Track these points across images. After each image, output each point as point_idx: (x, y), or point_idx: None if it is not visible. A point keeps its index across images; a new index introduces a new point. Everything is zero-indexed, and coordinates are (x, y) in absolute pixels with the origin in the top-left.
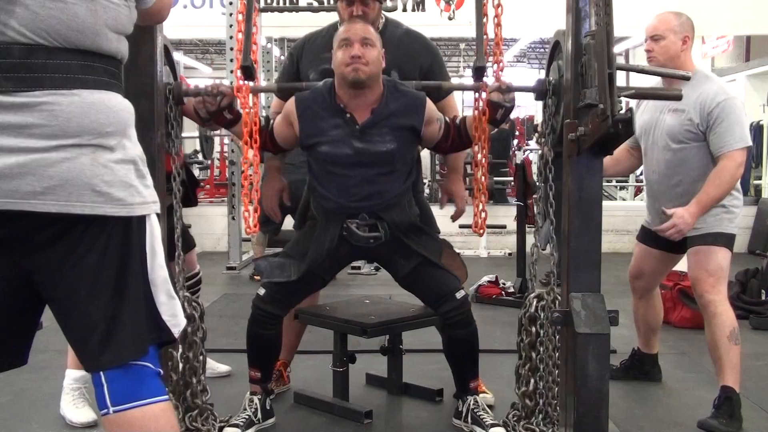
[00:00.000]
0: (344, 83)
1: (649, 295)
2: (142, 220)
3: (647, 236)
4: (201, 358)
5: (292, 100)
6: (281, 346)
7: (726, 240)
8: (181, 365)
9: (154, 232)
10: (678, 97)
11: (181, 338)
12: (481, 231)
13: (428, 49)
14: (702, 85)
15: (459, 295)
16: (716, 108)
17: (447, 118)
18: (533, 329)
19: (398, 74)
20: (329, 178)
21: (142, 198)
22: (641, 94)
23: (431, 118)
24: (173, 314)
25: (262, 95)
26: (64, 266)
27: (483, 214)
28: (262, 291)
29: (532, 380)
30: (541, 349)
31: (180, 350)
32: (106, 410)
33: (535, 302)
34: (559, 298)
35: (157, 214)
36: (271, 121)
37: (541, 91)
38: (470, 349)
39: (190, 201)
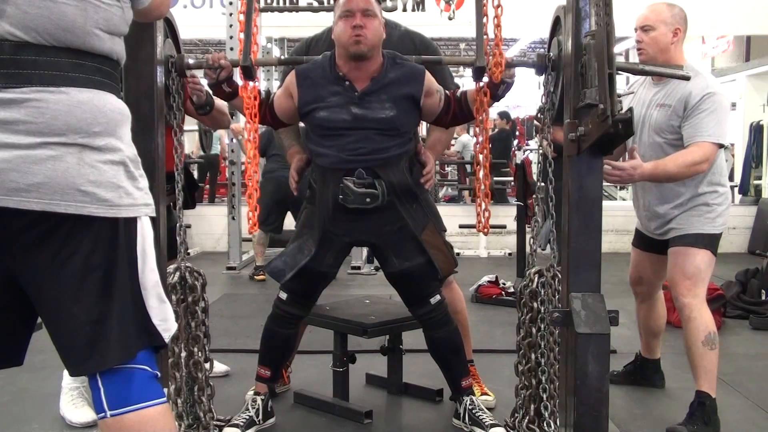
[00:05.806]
0: (345, 54)
1: (651, 299)
2: (131, 221)
3: (641, 240)
4: (204, 328)
5: (292, 73)
6: (295, 347)
7: (707, 241)
8: (183, 343)
9: (146, 235)
10: (687, 78)
11: (183, 309)
12: (486, 230)
13: (426, 48)
14: (691, 79)
15: (433, 300)
16: (699, 101)
17: (447, 92)
18: (534, 305)
19: None
20: (327, 140)
21: (132, 200)
22: (648, 72)
23: (431, 89)
24: (164, 318)
25: (262, 84)
26: (50, 268)
27: (486, 214)
28: (284, 295)
29: (533, 355)
30: (542, 326)
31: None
32: (103, 414)
33: (536, 278)
34: (559, 275)
35: (152, 218)
36: (272, 95)
37: (541, 66)
38: (452, 347)
39: (188, 203)
